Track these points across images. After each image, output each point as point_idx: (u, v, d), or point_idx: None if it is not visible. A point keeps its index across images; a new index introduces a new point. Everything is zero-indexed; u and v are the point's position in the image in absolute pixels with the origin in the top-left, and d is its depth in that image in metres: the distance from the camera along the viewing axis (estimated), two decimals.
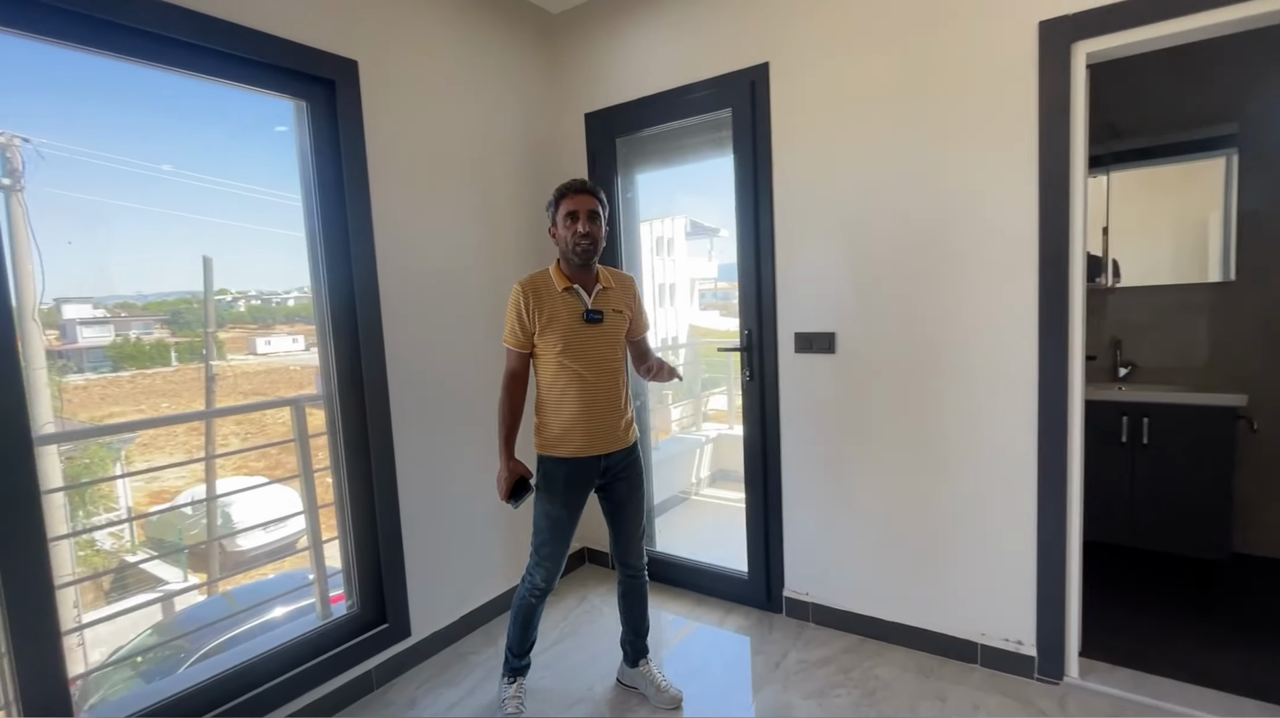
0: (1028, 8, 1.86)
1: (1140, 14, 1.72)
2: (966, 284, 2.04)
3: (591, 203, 1.84)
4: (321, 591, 2.35)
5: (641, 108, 2.65)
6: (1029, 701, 1.93)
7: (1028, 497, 2.01)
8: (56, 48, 1.57)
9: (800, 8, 2.24)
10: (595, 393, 1.85)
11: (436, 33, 2.38)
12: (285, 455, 4.52)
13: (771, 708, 1.97)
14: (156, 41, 1.68)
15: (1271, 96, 2.66)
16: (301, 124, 2.05)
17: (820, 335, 2.33)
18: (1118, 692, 1.92)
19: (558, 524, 1.89)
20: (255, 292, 6.60)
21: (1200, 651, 2.12)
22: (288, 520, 3.99)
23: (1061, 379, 1.92)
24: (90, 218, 4.25)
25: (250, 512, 5.20)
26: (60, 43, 1.56)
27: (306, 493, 2.35)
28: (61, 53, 1.59)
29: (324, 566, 2.35)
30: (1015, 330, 1.98)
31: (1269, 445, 2.73)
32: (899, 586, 2.26)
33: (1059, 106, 1.85)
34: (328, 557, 2.31)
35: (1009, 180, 1.94)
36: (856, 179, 2.20)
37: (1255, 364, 2.75)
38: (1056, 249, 1.89)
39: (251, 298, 6.68)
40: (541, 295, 1.85)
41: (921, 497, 2.19)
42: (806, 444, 2.40)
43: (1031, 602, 2.03)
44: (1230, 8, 1.64)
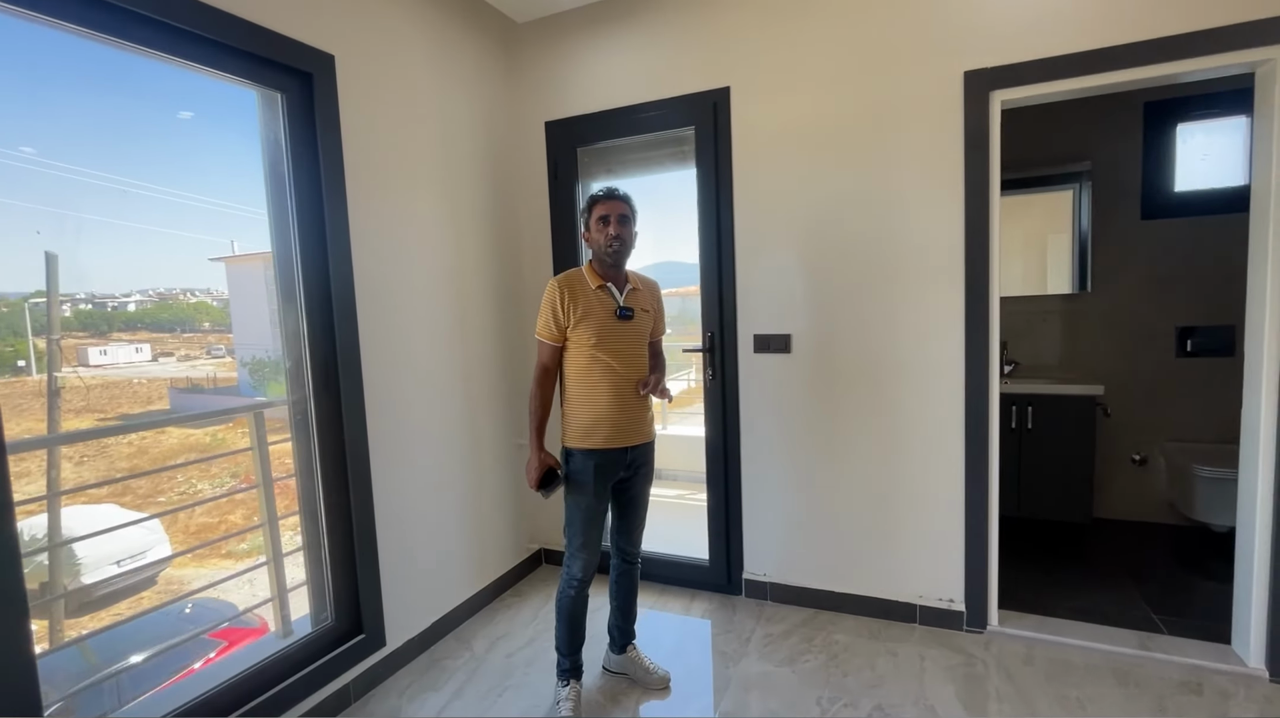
0: (956, 59, 2.20)
1: (1044, 73, 2.10)
2: (905, 292, 2.35)
3: (622, 208, 1.93)
4: (282, 609, 2.24)
5: (605, 120, 2.77)
6: (961, 649, 2.26)
7: (956, 478, 2.34)
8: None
9: (760, 42, 2.46)
10: (625, 385, 1.94)
11: (408, 32, 2.36)
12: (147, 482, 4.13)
13: (752, 677, 2.15)
14: (120, 15, 1.55)
15: (1115, 141, 3.27)
16: (275, 117, 1.96)
17: (777, 337, 2.56)
18: (1029, 633, 2.29)
19: (590, 515, 1.96)
20: (85, 294, 5.82)
21: (1080, 594, 2.58)
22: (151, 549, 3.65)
23: (982, 375, 2.27)
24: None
25: (97, 546, 4.56)
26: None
27: (267, 505, 2.23)
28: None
29: (284, 580, 2.24)
30: (945, 333, 2.31)
31: (1116, 428, 3.34)
32: (848, 561, 2.54)
33: (979, 143, 2.20)
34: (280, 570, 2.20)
35: (939, 202, 2.27)
36: (809, 196, 2.45)
37: (1105, 360, 3.35)
38: (978, 263, 2.24)
39: (80, 301, 5.87)
40: (576, 291, 1.92)
41: (866, 481, 2.48)
42: (764, 437, 2.62)
43: (960, 567, 2.36)
44: (1105, 74, 2.05)
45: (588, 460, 1.95)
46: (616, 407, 1.94)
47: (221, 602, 3.96)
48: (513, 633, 2.52)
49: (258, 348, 6.92)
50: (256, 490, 2.23)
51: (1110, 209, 3.31)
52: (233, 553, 4.34)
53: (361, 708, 2.09)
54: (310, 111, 1.99)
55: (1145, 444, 3.35)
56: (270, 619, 2.26)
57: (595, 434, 1.94)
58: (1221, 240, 3.09)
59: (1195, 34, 1.93)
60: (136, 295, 4.98)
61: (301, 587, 2.19)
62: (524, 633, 2.51)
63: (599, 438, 1.94)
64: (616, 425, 1.94)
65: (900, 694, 2.02)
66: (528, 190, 2.96)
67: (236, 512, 5.02)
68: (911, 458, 2.40)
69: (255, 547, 4.25)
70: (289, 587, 2.19)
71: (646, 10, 2.64)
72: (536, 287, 2.99)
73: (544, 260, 2.97)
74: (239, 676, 1.84)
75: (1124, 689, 1.99)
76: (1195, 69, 1.98)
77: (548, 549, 3.15)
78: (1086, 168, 3.31)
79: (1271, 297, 1.96)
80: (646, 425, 2.04)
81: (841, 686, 2.08)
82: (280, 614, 2.24)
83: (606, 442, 1.94)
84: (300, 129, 1.98)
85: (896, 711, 1.94)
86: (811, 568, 2.60)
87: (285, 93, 1.94)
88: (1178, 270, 3.21)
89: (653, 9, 2.63)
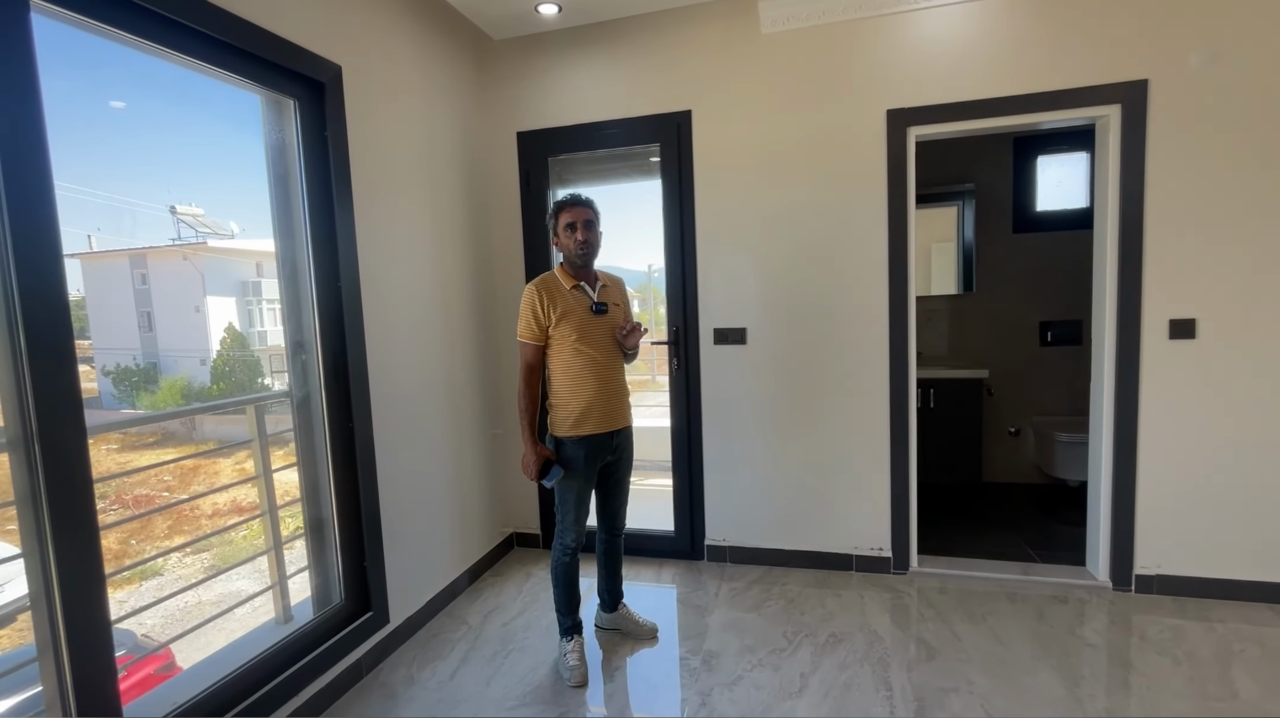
0: (880, 100, 2.66)
1: (948, 115, 2.60)
2: (841, 291, 2.79)
3: (587, 213, 2.15)
4: (283, 595, 2.32)
5: (576, 133, 3.02)
6: (891, 587, 2.73)
7: (883, 447, 2.81)
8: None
9: (718, 72, 2.82)
10: (607, 374, 2.17)
11: (398, 45, 2.50)
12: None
13: (726, 623, 2.49)
14: (145, 16, 1.61)
15: (992, 167, 3.94)
16: (286, 124, 2.07)
17: (734, 330, 2.93)
18: (942, 571, 2.81)
19: (581, 496, 2.19)
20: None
21: (976, 540, 3.16)
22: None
23: (903, 360, 2.75)
24: None
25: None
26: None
27: (267, 493, 2.30)
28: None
29: (284, 568, 2.32)
30: (873, 325, 2.77)
31: (996, 407, 4.02)
32: (795, 522, 2.95)
33: (899, 169, 2.68)
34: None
35: (868, 216, 2.73)
36: (761, 207, 2.84)
37: (986, 350, 4.02)
38: (898, 266, 2.71)
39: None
40: (553, 292, 2.13)
41: (810, 453, 2.90)
42: (723, 418, 2.98)
43: (887, 521, 2.84)
44: (992, 119, 2.58)
45: (579, 448, 2.17)
46: (602, 394, 2.16)
47: (119, 630, 3.77)
48: (503, 606, 2.71)
49: (124, 354, 6.40)
50: (258, 480, 2.30)
51: (989, 223, 3.98)
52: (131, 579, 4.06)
53: (374, 679, 2.23)
54: (321, 119, 2.11)
55: (1017, 419, 4.05)
56: (272, 607, 2.32)
57: (585, 422, 2.15)
58: (1071, 251, 3.82)
59: (1056, 92, 2.50)
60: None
61: (291, 575, 2.28)
62: (514, 606, 2.72)
63: (589, 425, 2.16)
64: (604, 412, 2.17)
65: (848, 624, 2.44)
66: (500, 196, 3.16)
67: (133, 536, 4.70)
68: (847, 432, 2.85)
69: (147, 572, 4.01)
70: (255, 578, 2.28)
71: (615, 37, 2.92)
72: (509, 287, 3.19)
73: (516, 262, 3.17)
74: (266, 652, 1.94)
75: (1013, 605, 2.53)
76: (1056, 119, 2.55)
77: (519, 533, 3.35)
78: (970, 188, 3.96)
79: (1109, 297, 2.56)
80: (628, 410, 2.30)
81: (800, 622, 2.47)
82: (282, 602, 2.32)
83: (596, 428, 2.16)
84: (312, 136, 2.10)
85: (848, 636, 2.36)
86: (765, 530, 2.99)
87: (298, 100, 2.06)
88: (1040, 275, 3.93)
89: (621, 37, 2.92)
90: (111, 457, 4.59)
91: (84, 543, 1.40)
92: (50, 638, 1.37)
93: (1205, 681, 2.01)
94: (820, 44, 2.70)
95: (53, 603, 1.36)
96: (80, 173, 2.75)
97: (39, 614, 1.36)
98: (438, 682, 2.20)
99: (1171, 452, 2.51)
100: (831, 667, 2.17)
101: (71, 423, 1.38)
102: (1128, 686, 2.01)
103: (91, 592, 1.41)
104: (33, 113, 1.33)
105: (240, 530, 3.56)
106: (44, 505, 1.33)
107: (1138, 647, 2.23)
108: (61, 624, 1.36)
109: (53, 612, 1.36)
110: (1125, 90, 2.44)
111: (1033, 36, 2.50)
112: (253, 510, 2.33)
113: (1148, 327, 2.49)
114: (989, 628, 2.37)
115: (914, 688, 2.03)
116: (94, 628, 1.42)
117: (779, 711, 1.95)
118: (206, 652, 2.07)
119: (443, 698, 2.10)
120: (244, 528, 3.38)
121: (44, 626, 1.37)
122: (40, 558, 1.35)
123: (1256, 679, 2.00)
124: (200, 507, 4.47)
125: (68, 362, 1.38)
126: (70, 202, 1.61)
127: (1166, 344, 2.48)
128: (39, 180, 1.34)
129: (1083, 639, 2.29)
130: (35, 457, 1.33)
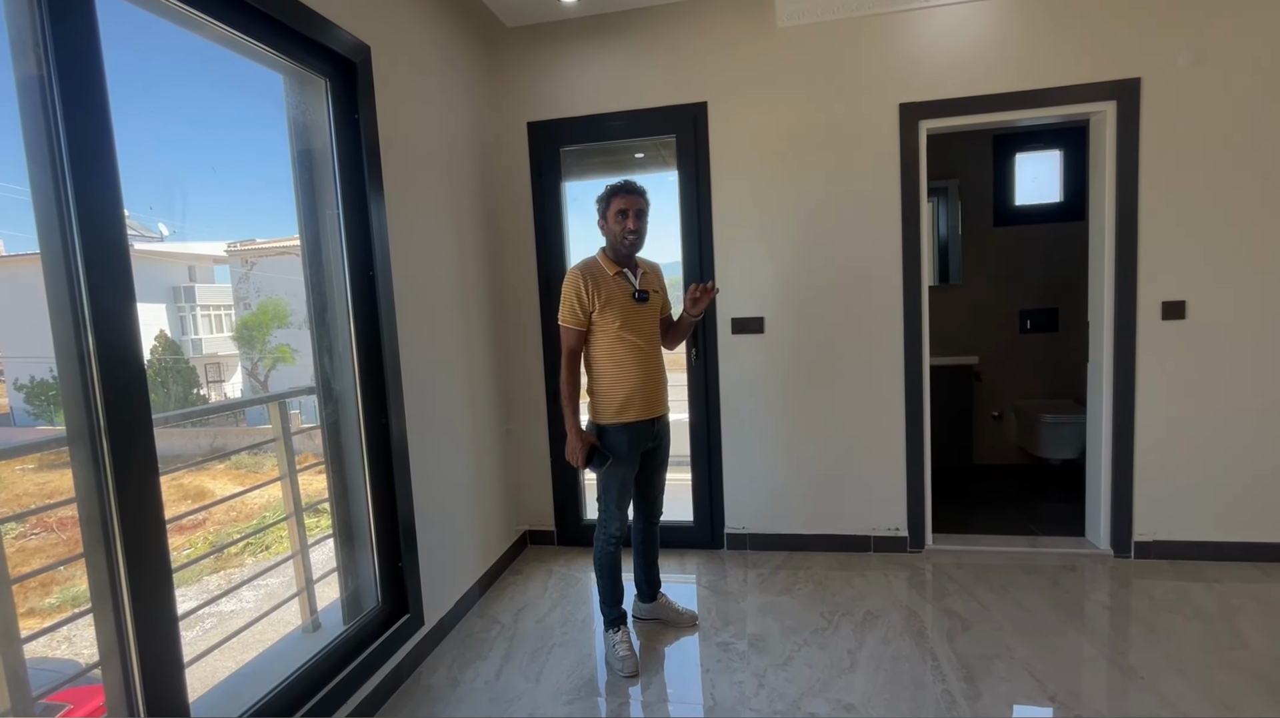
0: (894, 94, 2.75)
1: (956, 109, 2.71)
2: (856, 279, 2.87)
3: (640, 203, 2.14)
4: (310, 601, 2.21)
5: (589, 124, 3.00)
6: (910, 564, 2.82)
7: (898, 432, 2.90)
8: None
9: (733, 64, 2.85)
10: (649, 361, 2.17)
11: (421, 29, 2.43)
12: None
13: (761, 607, 2.52)
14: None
15: (974, 164, 4.12)
16: (319, 104, 1.97)
17: (752, 319, 2.97)
18: (956, 547, 2.92)
19: (625, 482, 2.18)
20: None
21: (980, 517, 3.31)
22: None
23: (917, 348, 2.85)
24: None
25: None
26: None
27: (292, 494, 2.19)
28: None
29: (311, 572, 2.22)
30: (888, 315, 2.86)
31: (985, 392, 4.21)
32: (814, 507, 3.01)
33: (911, 160, 2.77)
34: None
35: (882, 205, 2.81)
36: (778, 198, 2.89)
37: (970, 338, 4.20)
38: (912, 256, 2.81)
39: None
40: (597, 279, 2.11)
41: (828, 439, 2.97)
42: (741, 406, 3.02)
43: (903, 502, 2.93)
44: (998, 114, 2.70)
45: (622, 435, 2.16)
46: (645, 380, 2.17)
47: (63, 661, 3.51)
48: (531, 603, 2.66)
49: (38, 365, 5.95)
50: (283, 482, 2.18)
51: (972, 217, 4.16)
52: (36, 610, 3.68)
53: (416, 683, 2.15)
54: (352, 101, 2.02)
55: (1000, 403, 4.26)
56: (298, 613, 2.21)
57: (629, 409, 2.15)
58: (1047, 243, 4.04)
59: (1056, 89, 2.64)
60: None
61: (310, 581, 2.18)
62: (544, 602, 2.67)
63: (633, 412, 2.15)
64: (646, 399, 2.17)
65: (880, 602, 2.51)
66: (511, 187, 3.10)
67: (34, 559, 4.33)
68: (863, 418, 2.93)
69: (66, 599, 3.64)
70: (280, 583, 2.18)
71: (630, 28, 2.92)
72: (521, 279, 3.13)
73: (528, 253, 3.12)
74: (309, 663, 1.84)
75: (1028, 575, 2.66)
76: (1055, 114, 2.69)
77: (532, 531, 3.29)
78: (946, 186, 4.13)
79: (1107, 282, 2.72)
80: (666, 397, 2.30)
81: (834, 603, 2.52)
82: (309, 606, 2.21)
83: (639, 414, 2.16)
84: (343, 117, 2.01)
85: (883, 613, 2.42)
86: (784, 517, 3.04)
87: (330, 80, 1.97)
88: (1019, 266, 4.14)
89: (636, 28, 2.91)
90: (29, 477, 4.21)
91: None
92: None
93: (1217, 634, 2.16)
94: (834, 38, 2.77)
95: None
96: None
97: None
98: (484, 682, 2.13)
99: (1165, 425, 2.69)
100: (875, 642, 2.23)
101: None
102: (1151, 642, 2.15)
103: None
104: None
105: (262, 535, 3.34)
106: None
107: (1149, 607, 2.38)
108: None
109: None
110: (1120, 88, 2.60)
111: (1035, 36, 2.64)
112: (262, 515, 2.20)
113: (1143, 309, 2.67)
114: (1012, 598, 2.48)
115: (958, 657, 2.11)
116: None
117: (837, 686, 1.99)
118: (228, 669, 1.95)
119: (495, 698, 2.04)
120: (267, 532, 3.20)
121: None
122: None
123: (1262, 630, 2.17)
124: (214, 513, 4.19)
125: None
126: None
127: (1159, 325, 2.66)
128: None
129: (1099, 603, 2.42)
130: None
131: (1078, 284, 3.59)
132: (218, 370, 7.07)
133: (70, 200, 1.19)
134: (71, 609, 1.63)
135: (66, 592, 3.44)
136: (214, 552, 3.24)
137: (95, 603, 1.25)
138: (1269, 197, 2.53)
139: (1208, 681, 1.92)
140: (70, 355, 1.21)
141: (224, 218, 5.16)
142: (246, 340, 6.35)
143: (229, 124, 2.77)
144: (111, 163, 1.26)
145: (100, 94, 1.25)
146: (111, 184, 1.26)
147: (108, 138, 1.25)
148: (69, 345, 1.21)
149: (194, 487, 4.41)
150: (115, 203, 1.27)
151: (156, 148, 2.50)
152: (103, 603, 1.25)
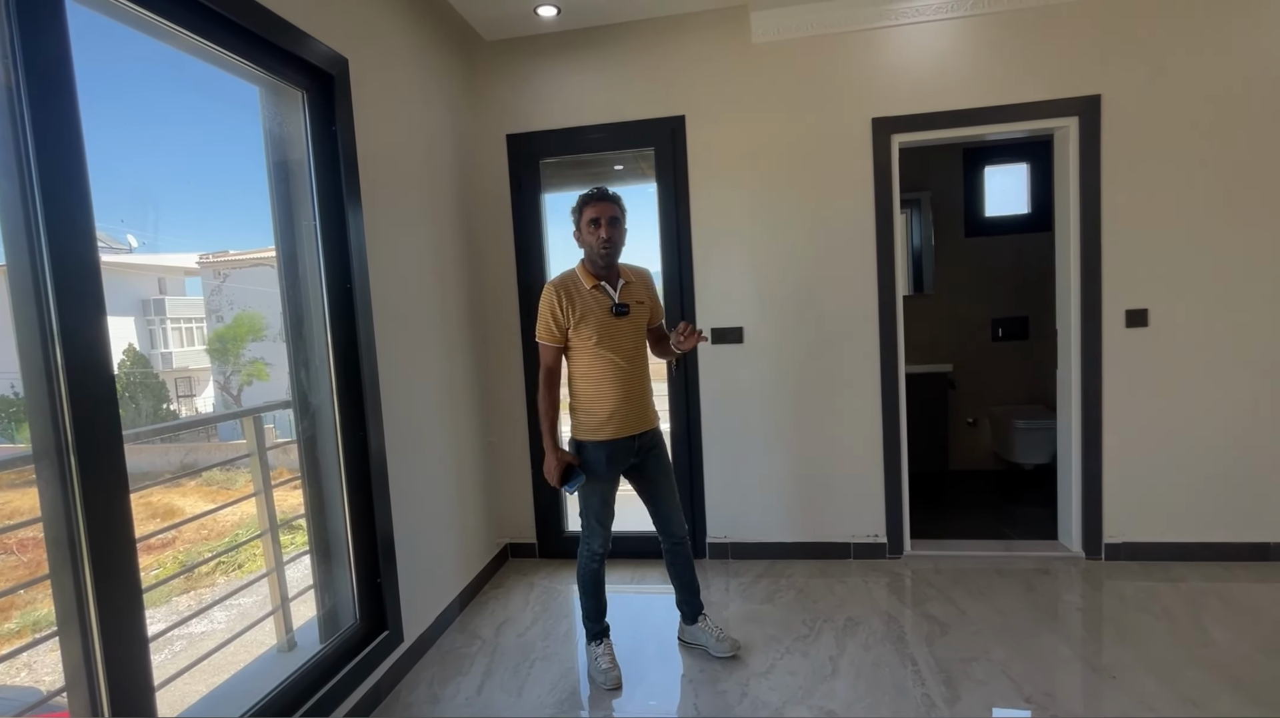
0: (867, 108, 2.82)
1: (926, 124, 2.78)
2: (833, 289, 2.92)
3: (612, 210, 2.09)
4: (285, 620, 2.17)
5: (568, 136, 3.02)
6: (889, 571, 2.85)
7: (875, 439, 2.94)
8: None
9: (711, 79, 2.90)
10: (629, 378, 2.12)
11: (399, 43, 2.43)
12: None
13: (744, 616, 2.53)
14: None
15: (945, 176, 4.23)
16: (296, 116, 1.96)
17: (731, 329, 3.00)
18: (935, 553, 2.97)
19: (605, 498, 2.16)
20: None
21: (955, 522, 3.36)
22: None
23: (893, 356, 2.90)
24: None
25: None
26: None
27: (268, 510, 2.15)
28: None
29: (285, 588, 2.18)
30: (864, 324, 2.91)
31: (960, 399, 4.29)
32: (794, 515, 3.03)
33: (884, 172, 2.84)
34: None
35: (857, 217, 2.87)
36: (755, 209, 2.93)
37: (944, 346, 4.29)
38: (886, 266, 2.86)
39: None
40: (572, 293, 2.08)
41: (806, 448, 3.00)
42: (721, 417, 3.04)
43: (881, 509, 2.97)
44: (966, 129, 2.78)
45: (600, 452, 2.11)
46: (625, 400, 2.10)
47: (23, 688, 3.40)
48: (513, 618, 2.64)
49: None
50: (257, 498, 2.14)
51: (945, 228, 4.26)
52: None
53: (395, 701, 2.11)
54: (330, 113, 2.02)
55: (974, 410, 4.34)
56: (272, 633, 2.16)
57: (607, 426, 2.09)
58: (1016, 253, 4.15)
59: (1021, 105, 2.73)
60: None
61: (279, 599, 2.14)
62: (526, 616, 2.64)
63: (610, 429, 2.10)
64: (625, 416, 2.11)
65: (861, 608, 2.53)
66: (490, 199, 3.10)
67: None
68: (841, 425, 2.97)
69: (27, 624, 3.51)
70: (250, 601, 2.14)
71: (609, 42, 2.95)
72: (500, 291, 3.13)
73: (507, 266, 3.12)
74: (285, 683, 1.80)
75: (1004, 579, 2.70)
76: (1021, 129, 2.78)
77: (513, 543, 3.26)
78: (928, 195, 4.23)
79: (1073, 291, 2.81)
80: (651, 413, 2.23)
81: (815, 610, 2.54)
82: (285, 625, 2.17)
83: (617, 432, 2.10)
84: (320, 130, 2.00)
85: (863, 619, 2.45)
86: (765, 525, 3.06)
87: (307, 92, 1.96)
88: (990, 275, 4.24)
89: (615, 42, 2.95)
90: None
91: None
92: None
93: (1185, 632, 2.22)
94: (809, 54, 2.83)
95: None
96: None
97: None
98: (465, 698, 2.11)
99: (1130, 430, 2.77)
100: (856, 648, 2.24)
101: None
102: (1122, 642, 2.20)
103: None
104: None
105: (234, 553, 3.25)
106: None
107: (1120, 608, 2.43)
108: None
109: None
110: (1081, 104, 2.70)
111: (1002, 53, 2.72)
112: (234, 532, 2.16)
113: (1107, 317, 2.75)
114: (988, 601, 2.52)
115: (937, 661, 2.13)
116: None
117: (819, 693, 2.00)
118: (199, 692, 1.89)
119: (476, 714, 2.02)
120: (239, 550, 3.12)
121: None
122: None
123: (1226, 627, 2.24)
124: (184, 532, 4.07)
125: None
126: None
127: (1124, 332, 2.74)
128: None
129: (1072, 604, 2.48)
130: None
131: (1047, 293, 3.69)
132: (188, 384, 6.91)
133: (39, 211, 1.17)
134: (33, 634, 1.58)
135: (28, 616, 3.30)
136: (184, 571, 3.16)
137: (61, 626, 1.22)
138: (1225, 208, 2.63)
139: (1177, 678, 1.97)
140: (37, 370, 1.18)
141: (197, 229, 5.07)
142: (220, 353, 6.21)
143: (204, 135, 2.73)
144: (82, 174, 1.24)
145: (71, 104, 1.23)
146: (82, 195, 1.24)
147: (78, 148, 1.24)
148: (35, 360, 1.18)
149: (162, 504, 4.29)
150: (86, 214, 1.25)
151: (129, 159, 2.47)
152: (69, 626, 1.22)
